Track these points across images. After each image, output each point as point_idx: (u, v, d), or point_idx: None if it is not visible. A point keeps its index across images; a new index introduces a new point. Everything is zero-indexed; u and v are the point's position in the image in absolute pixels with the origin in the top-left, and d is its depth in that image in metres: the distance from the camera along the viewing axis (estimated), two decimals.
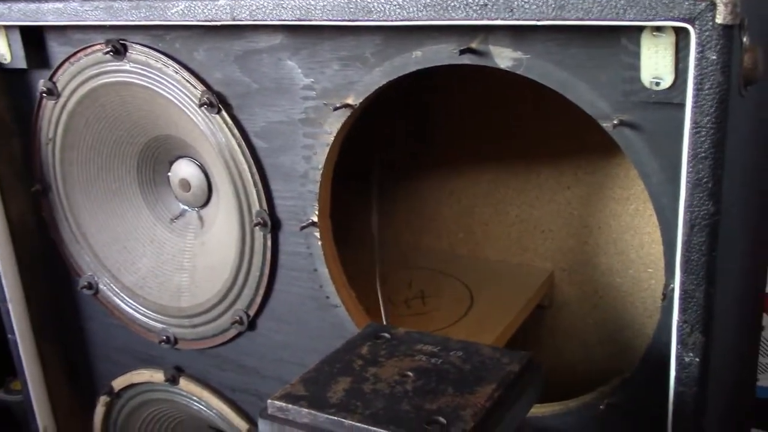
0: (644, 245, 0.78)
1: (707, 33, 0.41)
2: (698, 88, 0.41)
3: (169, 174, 0.74)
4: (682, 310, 0.45)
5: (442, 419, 0.39)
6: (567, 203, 0.82)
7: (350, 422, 0.40)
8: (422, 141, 0.90)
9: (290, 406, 0.42)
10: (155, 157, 0.73)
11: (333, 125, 0.59)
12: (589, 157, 0.80)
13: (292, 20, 0.54)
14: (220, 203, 0.70)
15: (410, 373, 0.44)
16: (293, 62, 0.59)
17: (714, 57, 0.40)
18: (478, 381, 0.43)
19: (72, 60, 0.68)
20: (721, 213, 0.43)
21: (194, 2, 0.58)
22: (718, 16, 0.40)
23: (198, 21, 0.58)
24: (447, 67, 0.54)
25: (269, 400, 0.42)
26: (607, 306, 0.82)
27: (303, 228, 0.63)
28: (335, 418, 0.40)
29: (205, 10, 0.57)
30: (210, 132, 0.64)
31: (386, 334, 0.49)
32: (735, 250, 0.52)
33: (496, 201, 0.87)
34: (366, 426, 0.39)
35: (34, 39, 0.70)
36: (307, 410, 0.41)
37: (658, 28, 0.44)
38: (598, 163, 0.79)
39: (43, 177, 0.75)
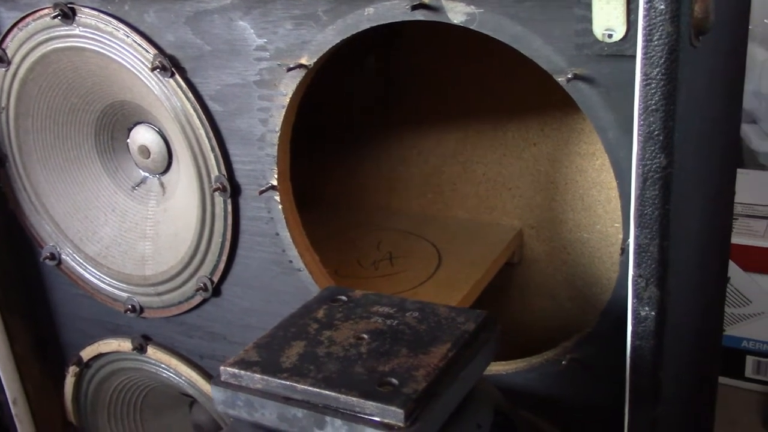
0: (611, 200, 0.78)
1: None
2: (647, 39, 0.41)
3: (128, 141, 0.72)
4: (637, 265, 0.45)
5: (394, 380, 0.39)
6: (534, 160, 0.82)
7: (302, 386, 0.39)
8: (387, 101, 0.89)
9: (243, 372, 0.41)
10: (113, 123, 0.72)
11: (288, 86, 0.58)
12: (555, 113, 0.79)
13: None
14: (181, 169, 0.69)
15: (365, 336, 0.44)
16: (245, 22, 0.58)
17: (662, 6, 0.40)
18: (433, 341, 0.43)
19: (20, 25, 0.66)
20: (674, 166, 0.43)
21: None
22: None
23: None
24: (407, 24, 0.53)
25: (221, 367, 0.42)
26: (576, 262, 0.82)
27: (262, 192, 0.62)
28: (287, 382, 0.40)
29: None
30: (165, 97, 0.63)
31: (343, 297, 0.49)
32: (693, 203, 0.51)
33: (463, 160, 0.86)
34: (318, 390, 0.39)
35: None
36: (259, 376, 0.41)
37: None
38: (563, 119, 0.79)
39: (4, 152, 0.73)
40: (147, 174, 0.73)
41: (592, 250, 0.80)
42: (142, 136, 0.71)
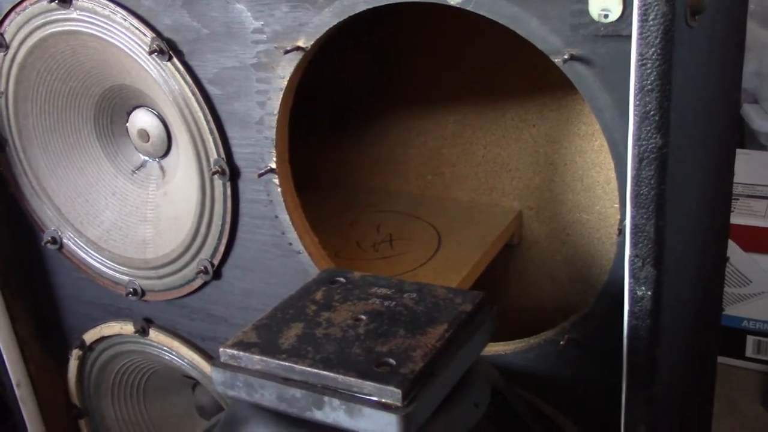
0: (610, 181, 0.78)
1: None
2: (643, 20, 0.41)
3: (128, 124, 0.72)
4: (633, 245, 0.45)
5: (392, 361, 0.39)
6: (533, 141, 0.81)
7: (301, 367, 0.40)
8: (386, 84, 0.89)
9: (242, 353, 0.42)
10: (112, 107, 0.72)
11: (286, 69, 0.58)
12: (554, 94, 0.79)
13: None
14: (180, 152, 0.69)
15: (363, 317, 0.44)
16: (242, 5, 0.58)
17: None
18: (430, 322, 0.43)
19: (18, 10, 0.66)
20: (670, 146, 0.43)
21: None
22: None
23: None
24: (405, 4, 0.52)
25: (221, 349, 0.42)
26: (575, 242, 0.82)
27: (261, 175, 0.62)
28: (286, 363, 0.40)
29: None
30: (163, 80, 0.63)
31: (342, 279, 0.49)
32: (689, 183, 0.51)
33: (463, 141, 0.86)
34: (316, 370, 0.39)
35: None
36: (258, 357, 0.41)
37: None
38: (562, 101, 0.79)
39: (4, 135, 0.73)
40: (147, 158, 0.73)
41: (592, 230, 0.80)
42: (141, 119, 0.71)
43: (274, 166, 0.61)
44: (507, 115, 0.82)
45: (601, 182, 0.78)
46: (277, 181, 0.62)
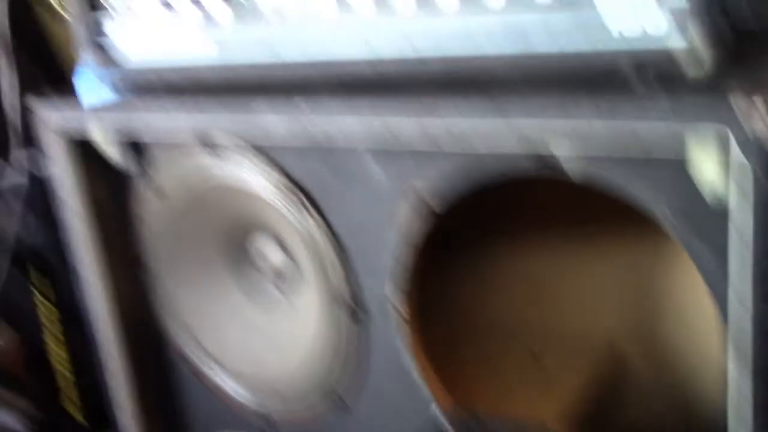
0: (709, 316, 0.79)
1: (745, 143, 0.44)
2: (741, 195, 0.45)
3: (255, 252, 0.79)
4: (754, 416, 0.48)
5: None
6: (632, 274, 0.84)
7: None
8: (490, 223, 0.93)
9: None
10: (242, 237, 0.79)
11: (414, 222, 0.63)
12: (652, 228, 0.82)
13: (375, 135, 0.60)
14: (306, 285, 0.74)
15: None
16: (374, 162, 0.64)
17: (757, 168, 0.44)
18: None
19: (172, 159, 0.75)
20: None
21: (286, 117, 0.64)
22: (754, 127, 0.44)
23: (293, 137, 0.64)
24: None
25: None
26: (675, 375, 0.83)
27: (388, 314, 0.67)
28: None
29: (299, 127, 0.63)
30: (295, 221, 0.69)
31: None
32: None
33: (561, 271, 0.89)
34: None
35: (137, 144, 0.77)
36: None
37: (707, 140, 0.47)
38: (661, 235, 0.82)
39: (146, 262, 0.82)
40: (274, 287, 0.79)
41: (692, 364, 0.82)
42: (269, 251, 0.78)
43: (401, 307, 0.66)
44: (604, 248, 0.85)
45: (700, 317, 0.80)
46: (402, 319, 0.67)
